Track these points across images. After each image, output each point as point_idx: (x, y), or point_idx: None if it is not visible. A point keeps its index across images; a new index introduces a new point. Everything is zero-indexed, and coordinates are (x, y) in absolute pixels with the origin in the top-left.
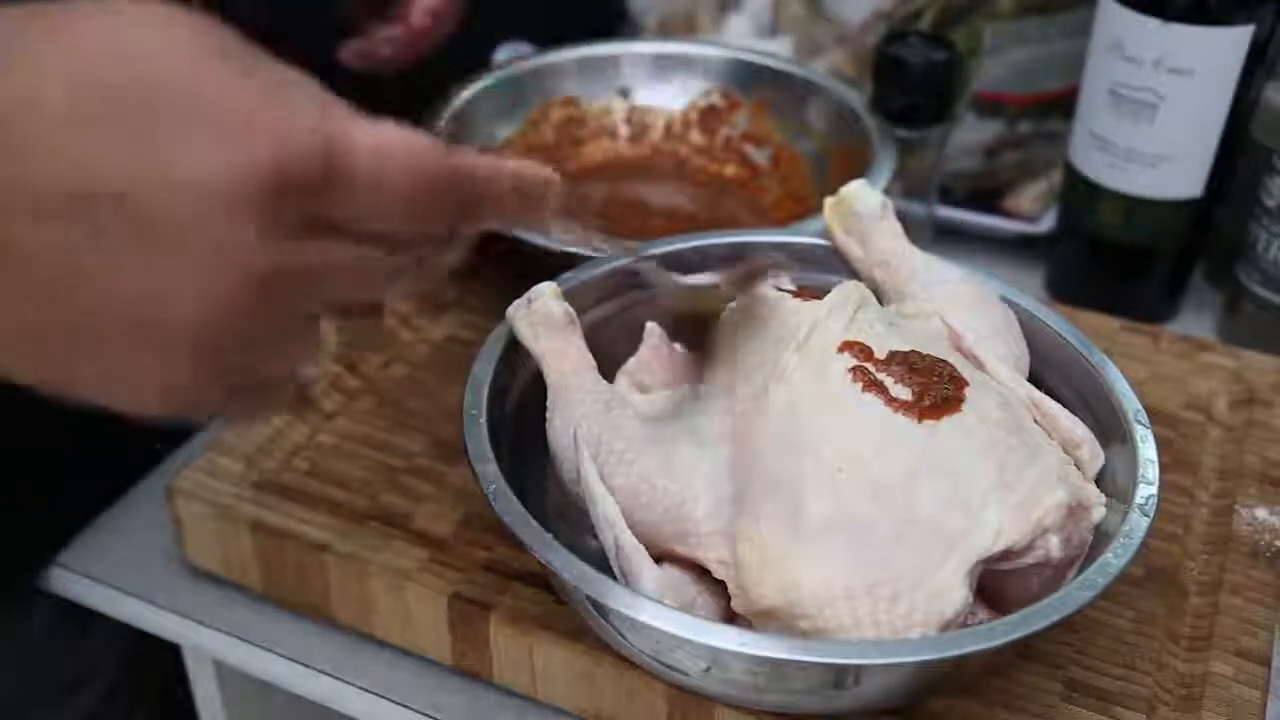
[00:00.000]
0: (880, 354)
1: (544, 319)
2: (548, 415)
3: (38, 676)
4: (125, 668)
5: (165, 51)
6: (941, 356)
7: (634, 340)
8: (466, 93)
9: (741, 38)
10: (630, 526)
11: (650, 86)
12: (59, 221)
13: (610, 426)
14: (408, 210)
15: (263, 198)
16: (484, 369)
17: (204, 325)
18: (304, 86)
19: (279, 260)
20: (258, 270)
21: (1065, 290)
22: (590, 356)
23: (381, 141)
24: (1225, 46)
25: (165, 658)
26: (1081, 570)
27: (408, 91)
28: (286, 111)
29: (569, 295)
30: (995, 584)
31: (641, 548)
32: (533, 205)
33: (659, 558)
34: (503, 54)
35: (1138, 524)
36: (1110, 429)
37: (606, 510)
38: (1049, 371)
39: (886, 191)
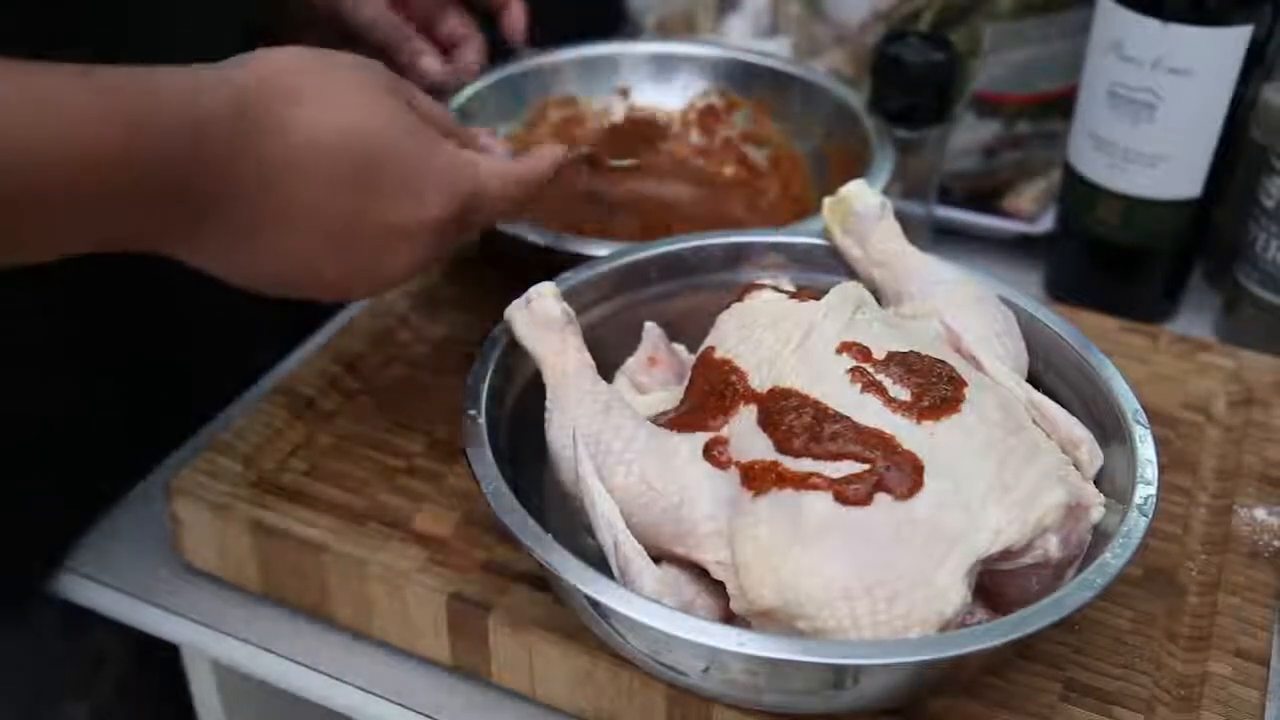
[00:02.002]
0: (879, 355)
1: (543, 319)
2: (546, 415)
3: (45, 678)
4: (132, 668)
5: (390, 128)
6: (940, 357)
7: (633, 340)
8: (467, 91)
9: (741, 38)
10: (629, 527)
11: (649, 86)
12: (313, 234)
13: (609, 427)
14: (506, 211)
15: (434, 235)
16: (483, 369)
17: (395, 284)
18: (447, 124)
19: (440, 253)
20: (416, 267)
21: (1064, 290)
22: (589, 356)
23: (498, 176)
24: (1224, 47)
25: (172, 658)
26: (1080, 570)
27: None
28: (450, 172)
29: (568, 295)
30: (994, 584)
31: (640, 548)
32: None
33: (657, 558)
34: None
35: (1136, 524)
36: (1109, 429)
37: (605, 511)
38: (1048, 372)
39: (885, 192)
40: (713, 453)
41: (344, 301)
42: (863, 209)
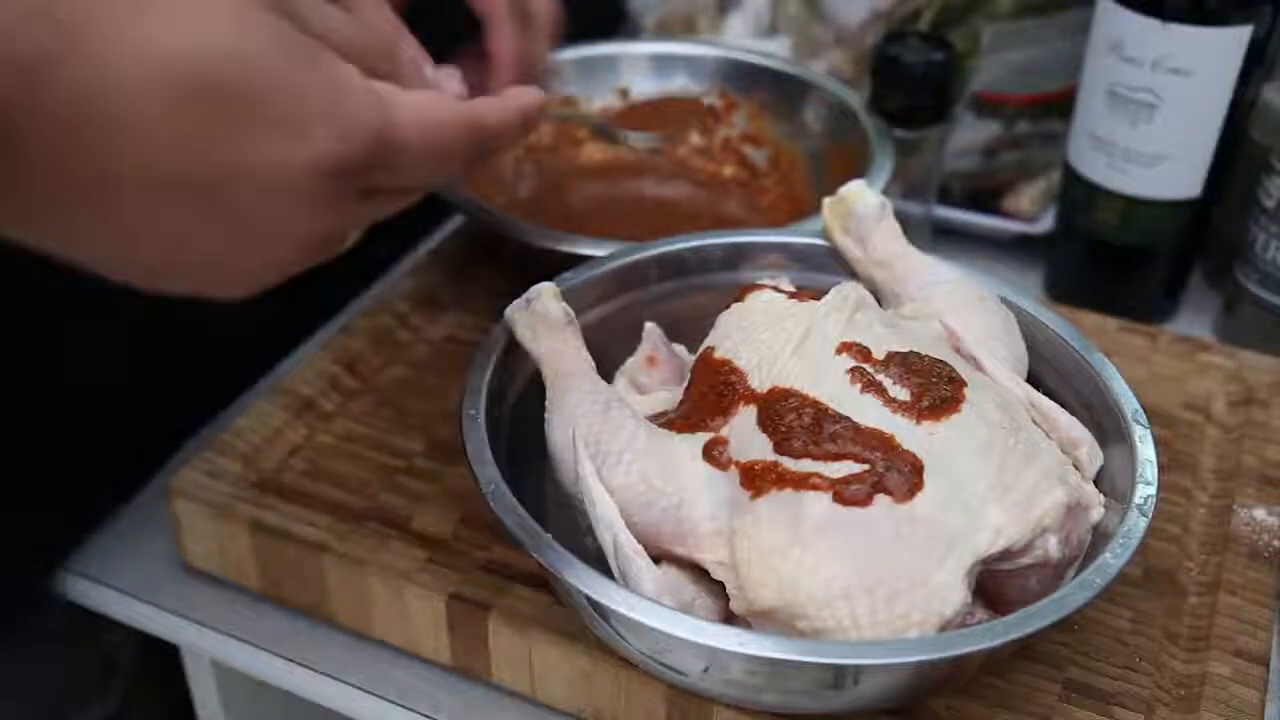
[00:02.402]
0: (879, 355)
1: (542, 319)
2: (546, 415)
3: (58, 682)
4: (144, 671)
5: (242, 49)
6: (940, 357)
7: (632, 341)
8: None
9: (740, 38)
10: (628, 527)
11: (649, 87)
12: (151, 191)
13: (609, 427)
14: (440, 169)
15: (324, 183)
16: (482, 369)
17: (271, 274)
18: (361, 46)
19: (334, 224)
20: (318, 233)
21: (1064, 290)
22: (589, 357)
23: (420, 118)
24: (1224, 47)
25: (173, 658)
26: (1080, 570)
27: None
28: (345, 104)
29: (568, 295)
30: (994, 584)
31: (641, 548)
32: (533, 128)
33: (657, 558)
34: None
35: (1136, 524)
36: (1109, 429)
37: (605, 511)
38: (1048, 372)
39: (885, 192)
40: (712, 453)
41: (245, 289)
42: (863, 209)
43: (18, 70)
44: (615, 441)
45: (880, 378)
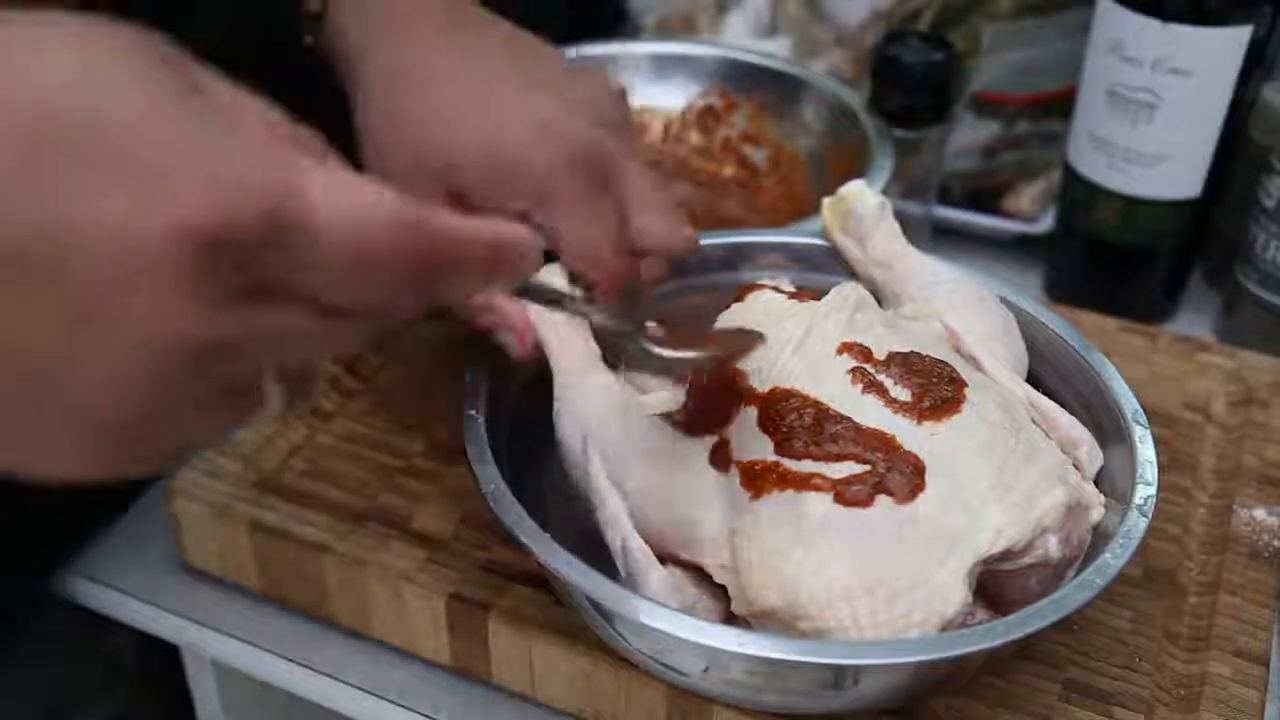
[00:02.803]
0: (879, 355)
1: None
2: (555, 409)
3: (62, 684)
4: (149, 672)
5: (85, 79)
6: (941, 358)
7: None
8: None
9: (740, 38)
10: (636, 528)
11: (649, 87)
12: None
13: (620, 428)
14: (369, 279)
15: (194, 260)
16: (483, 369)
17: (120, 404)
18: (255, 123)
19: (211, 332)
20: (186, 342)
21: (1064, 290)
22: (597, 349)
23: (342, 199)
24: (1224, 47)
25: (173, 658)
26: (1080, 570)
27: None
28: (229, 159)
29: None
30: (994, 584)
31: (649, 551)
32: (510, 271)
33: (661, 559)
34: None
35: (1136, 524)
36: (1109, 429)
37: (614, 513)
38: (1048, 372)
39: (885, 192)
40: (717, 457)
41: (70, 465)
42: (862, 209)
43: None
44: (626, 443)
45: (881, 378)
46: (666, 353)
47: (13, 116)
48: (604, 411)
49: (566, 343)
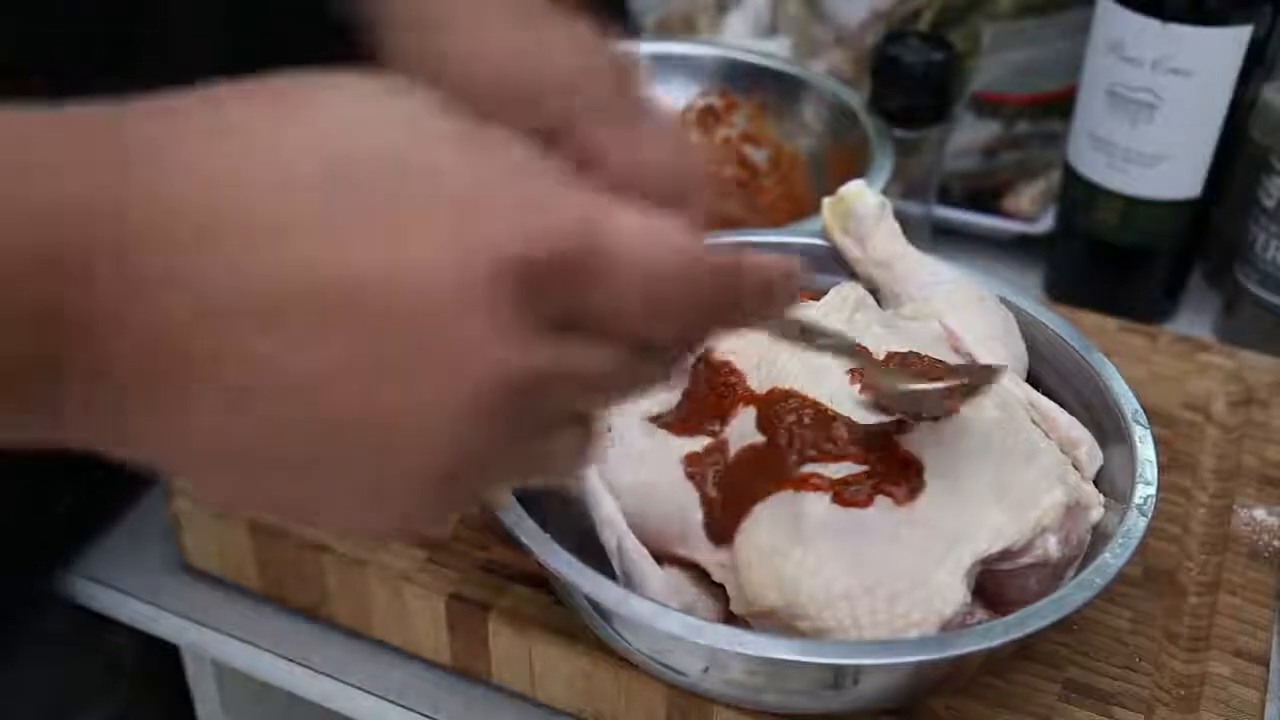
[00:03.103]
0: (878, 355)
1: None
2: None
3: (63, 684)
4: (150, 672)
5: (372, 121)
6: (940, 358)
7: None
8: None
9: (740, 38)
10: (631, 529)
11: (649, 86)
12: (274, 325)
13: (614, 429)
14: (674, 309)
15: (514, 289)
16: None
17: (445, 438)
18: (550, 166)
19: (530, 361)
20: (509, 374)
21: (1064, 290)
22: None
23: (648, 231)
24: (1224, 47)
25: (174, 658)
26: (1080, 570)
27: None
28: (539, 194)
29: None
30: (994, 584)
31: (645, 551)
32: (783, 302)
33: (658, 559)
34: None
35: (1136, 524)
36: (1109, 429)
37: (609, 513)
38: (1047, 372)
39: (885, 192)
40: (691, 469)
41: (398, 511)
42: (862, 209)
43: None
44: (619, 443)
45: None
46: (915, 385)
47: (304, 158)
48: None
49: None
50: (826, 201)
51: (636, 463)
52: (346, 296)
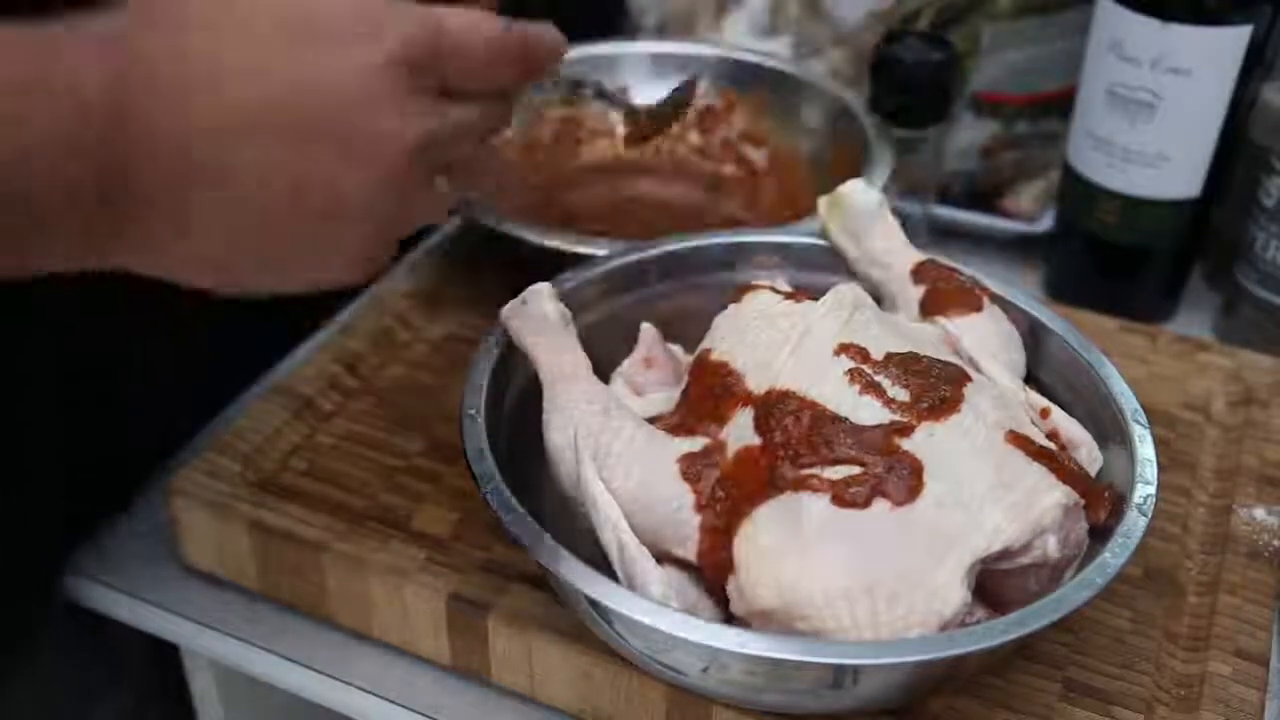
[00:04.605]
0: (877, 356)
1: (538, 320)
2: (544, 417)
3: (65, 684)
4: (151, 671)
5: None
6: (939, 358)
7: (631, 341)
8: None
9: (739, 38)
10: (629, 529)
11: (649, 86)
12: (250, 133)
13: (608, 429)
14: (492, 69)
15: (398, 80)
16: (482, 369)
17: (379, 195)
18: None
19: (422, 123)
20: (410, 138)
21: (1063, 290)
22: (585, 358)
23: (466, 20)
24: (1223, 47)
25: (173, 658)
26: (1080, 570)
27: None
28: (402, 14)
29: (567, 295)
30: (993, 584)
31: (646, 551)
32: (557, 58)
33: (658, 560)
34: None
35: (1136, 523)
36: (1108, 429)
37: (608, 513)
38: (1047, 371)
39: (884, 192)
40: (689, 471)
41: (352, 267)
42: (859, 207)
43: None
44: (615, 444)
45: (879, 378)
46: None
47: (285, 12)
48: (593, 415)
49: (555, 351)
50: (823, 200)
51: (634, 464)
52: (295, 109)
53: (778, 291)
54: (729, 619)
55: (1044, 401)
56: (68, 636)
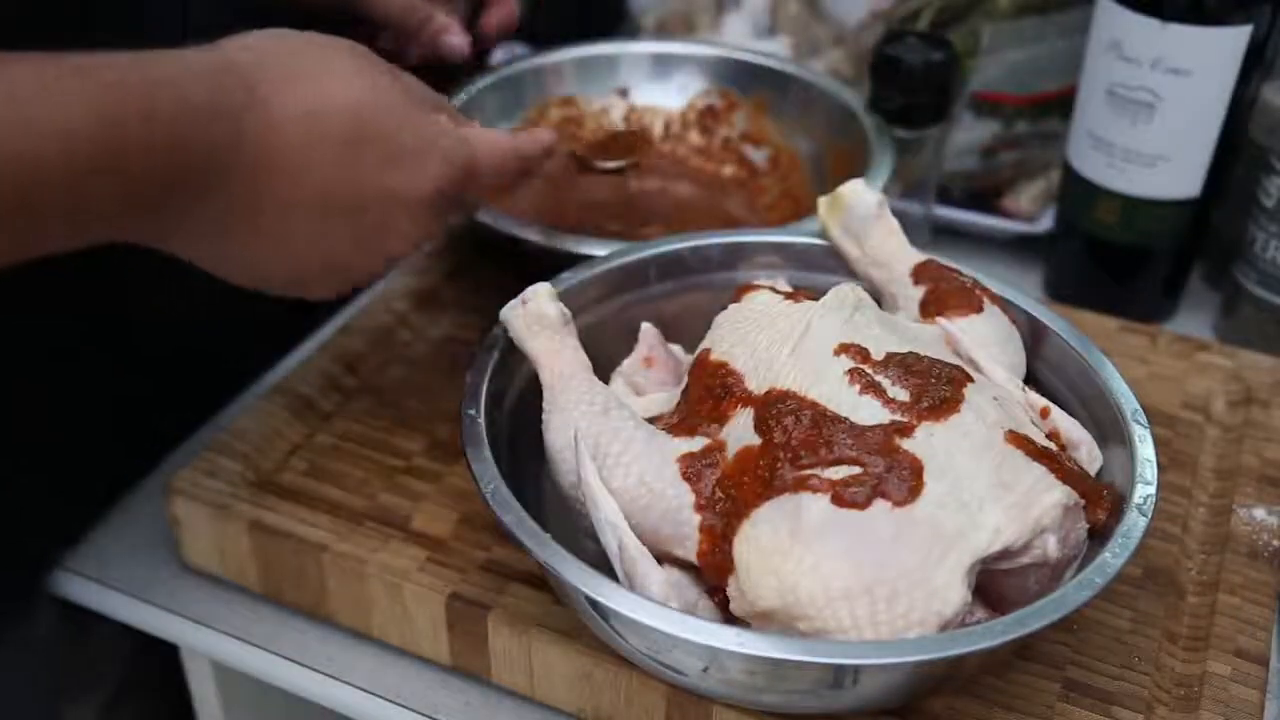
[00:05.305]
0: (877, 356)
1: (538, 319)
2: (544, 417)
3: (50, 679)
4: (136, 668)
5: (369, 87)
6: (939, 358)
7: (631, 340)
8: (466, 92)
9: (739, 38)
10: (629, 529)
11: (648, 86)
12: (314, 215)
13: (608, 429)
14: (498, 185)
15: (435, 202)
16: (482, 369)
17: (367, 278)
18: (439, 102)
19: (430, 231)
20: (415, 241)
21: (1063, 290)
22: (585, 357)
23: (490, 150)
24: (1223, 47)
25: (174, 657)
26: (1080, 570)
27: None
28: (444, 138)
29: (566, 295)
30: (993, 584)
31: (646, 551)
32: (550, 156)
33: (658, 560)
34: (500, 54)
35: (1135, 523)
36: (1108, 429)
37: (609, 513)
38: (1047, 371)
39: (884, 192)
40: (688, 471)
41: (342, 290)
42: (860, 207)
43: (222, 117)
44: (614, 444)
45: (879, 378)
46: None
47: (349, 128)
48: (592, 415)
49: (554, 353)
50: (822, 200)
51: (634, 464)
52: (352, 206)
53: (778, 291)
54: (729, 619)
55: (1044, 401)
56: (60, 635)
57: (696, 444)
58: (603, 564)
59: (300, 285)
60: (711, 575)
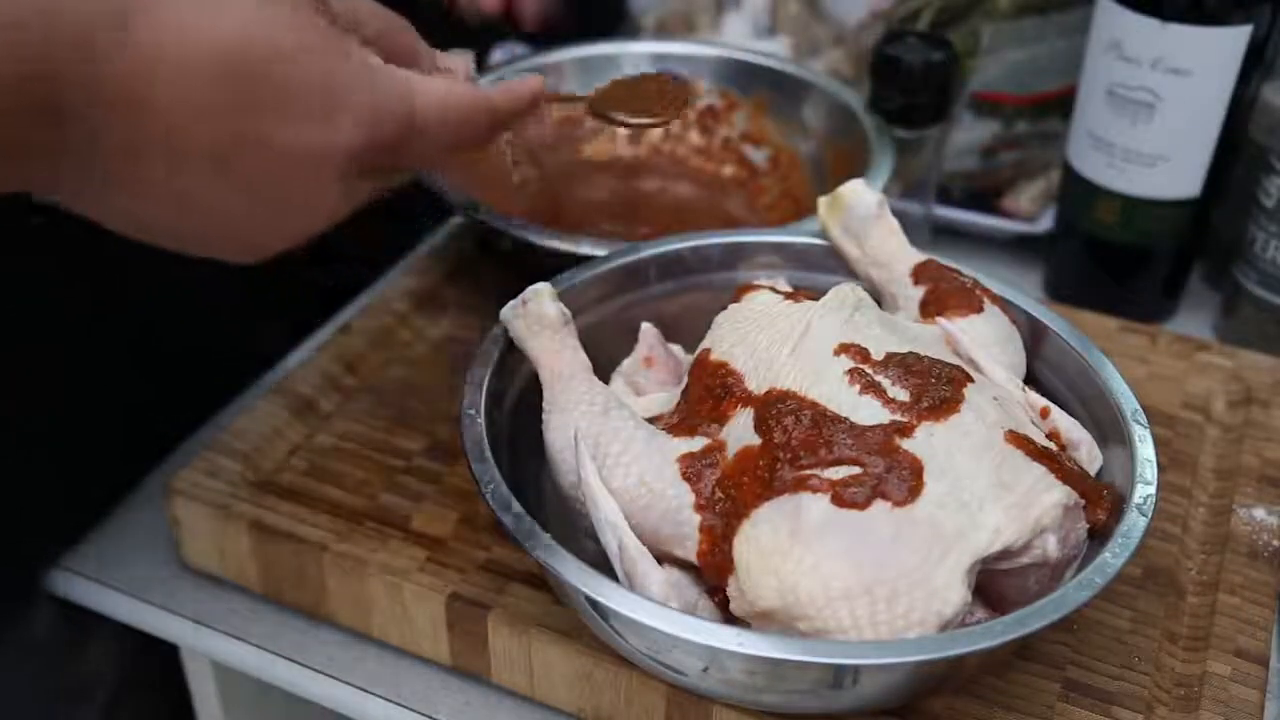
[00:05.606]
0: (877, 355)
1: (538, 319)
2: (544, 417)
3: (50, 679)
4: (136, 668)
5: (259, 20)
6: (939, 358)
7: (631, 341)
8: None
9: (739, 38)
10: (629, 529)
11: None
12: (183, 159)
13: (608, 429)
14: (458, 137)
15: (348, 165)
16: (482, 369)
17: (276, 247)
18: (372, 36)
19: (347, 200)
20: (328, 210)
21: (1063, 290)
22: (585, 358)
23: (440, 103)
24: (1223, 47)
25: (174, 657)
26: (1080, 570)
27: None
28: (375, 93)
29: (566, 295)
30: (993, 584)
31: (646, 551)
32: (534, 110)
33: (658, 560)
34: (499, 54)
35: (1135, 523)
36: (1108, 429)
37: (609, 514)
38: (1047, 371)
39: (884, 192)
40: (688, 472)
41: (261, 257)
42: (860, 207)
43: (77, 44)
44: (614, 444)
45: (879, 378)
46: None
47: (231, 64)
48: (592, 415)
49: (554, 353)
50: (822, 200)
51: (634, 464)
52: (229, 155)
53: (778, 291)
54: (729, 619)
55: (1044, 401)
56: (60, 635)
57: (696, 444)
58: (603, 564)
59: (203, 247)
60: (711, 575)
